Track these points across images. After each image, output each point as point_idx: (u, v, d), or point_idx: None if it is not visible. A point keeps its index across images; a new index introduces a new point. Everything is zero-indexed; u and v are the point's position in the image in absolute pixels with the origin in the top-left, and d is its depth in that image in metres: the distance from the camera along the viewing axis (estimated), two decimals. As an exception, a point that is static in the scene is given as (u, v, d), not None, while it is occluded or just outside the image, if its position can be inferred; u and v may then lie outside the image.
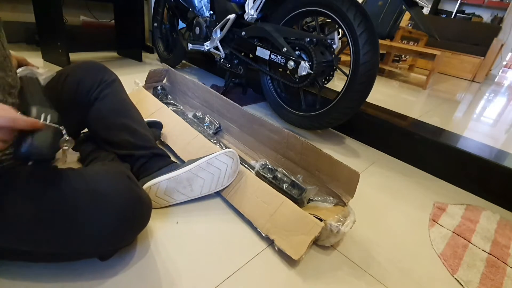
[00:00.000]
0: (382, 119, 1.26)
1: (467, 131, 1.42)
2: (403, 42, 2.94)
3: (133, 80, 1.10)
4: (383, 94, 1.86)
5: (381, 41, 2.34)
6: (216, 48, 1.38)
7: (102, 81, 0.69)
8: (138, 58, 1.93)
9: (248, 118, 0.97)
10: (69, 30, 1.75)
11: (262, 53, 1.20)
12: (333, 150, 1.17)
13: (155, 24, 1.89)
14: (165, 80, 1.30)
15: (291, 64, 1.09)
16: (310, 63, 1.07)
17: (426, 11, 4.15)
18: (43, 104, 0.43)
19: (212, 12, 1.39)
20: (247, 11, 1.22)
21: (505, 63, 4.40)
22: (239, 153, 0.91)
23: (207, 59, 1.97)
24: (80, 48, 1.84)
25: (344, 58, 2.47)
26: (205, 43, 1.40)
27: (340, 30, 1.09)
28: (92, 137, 0.74)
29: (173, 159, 0.76)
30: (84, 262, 0.51)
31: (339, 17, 1.01)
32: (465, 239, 0.77)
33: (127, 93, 0.75)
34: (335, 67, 1.15)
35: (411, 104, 1.76)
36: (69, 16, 1.94)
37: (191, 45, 1.48)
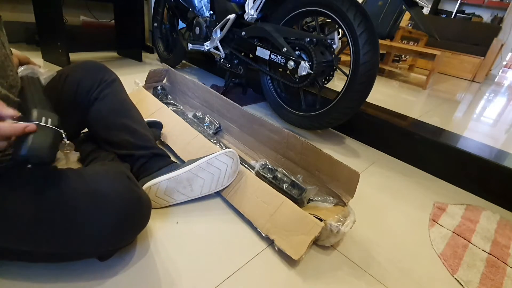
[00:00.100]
0: (382, 119, 1.26)
1: (467, 131, 1.42)
2: (403, 42, 2.94)
3: (133, 80, 1.10)
4: (383, 94, 1.86)
5: (381, 41, 2.34)
6: (216, 48, 1.38)
7: (102, 81, 0.69)
8: (138, 58, 1.94)
9: (248, 118, 0.97)
10: (69, 30, 1.76)
11: (262, 53, 1.20)
12: (333, 150, 1.17)
13: (155, 24, 1.89)
14: (165, 80, 1.30)
15: (291, 64, 1.09)
16: (310, 63, 1.07)
17: (426, 11, 4.15)
18: (44, 106, 0.43)
19: (212, 12, 1.39)
20: (247, 11, 1.22)
21: (505, 63, 4.40)
22: (239, 153, 0.91)
23: (207, 59, 1.97)
24: (80, 48, 1.84)
25: (344, 58, 2.47)
26: (205, 43, 1.41)
27: (340, 30, 1.09)
28: (92, 137, 0.74)
29: (173, 159, 0.76)
30: (84, 262, 0.51)
31: (339, 17, 1.01)
32: (465, 239, 0.77)
33: (127, 93, 0.75)
34: (335, 67, 1.15)
35: (411, 104, 1.76)
36: (69, 16, 1.94)
37: (191, 45, 1.48)
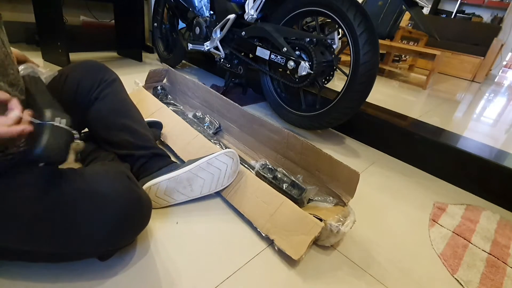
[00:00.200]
0: (382, 119, 1.26)
1: (467, 131, 1.41)
2: (403, 42, 2.94)
3: (133, 80, 1.10)
4: (383, 94, 1.86)
5: (381, 41, 2.34)
6: (216, 48, 1.37)
7: (102, 80, 0.69)
8: (138, 58, 1.93)
9: (248, 118, 0.97)
10: (69, 30, 1.76)
11: (262, 53, 1.20)
12: (333, 150, 1.17)
13: (155, 24, 1.89)
14: (165, 80, 1.30)
15: (291, 64, 1.09)
16: (310, 63, 1.07)
17: (426, 11, 4.15)
18: (55, 107, 0.43)
19: (212, 12, 1.39)
20: (247, 11, 1.22)
21: (505, 63, 4.40)
22: (239, 153, 0.91)
23: (207, 59, 1.97)
24: (80, 48, 1.84)
25: (344, 58, 2.47)
26: (205, 43, 1.40)
27: (340, 30, 1.09)
28: (92, 137, 0.74)
29: (173, 159, 0.76)
30: (84, 262, 0.51)
31: (339, 17, 1.01)
32: (465, 239, 0.77)
33: (127, 93, 0.75)
34: (335, 67, 1.15)
35: (411, 104, 1.76)
36: (69, 16, 1.94)
37: (191, 45, 1.48)
